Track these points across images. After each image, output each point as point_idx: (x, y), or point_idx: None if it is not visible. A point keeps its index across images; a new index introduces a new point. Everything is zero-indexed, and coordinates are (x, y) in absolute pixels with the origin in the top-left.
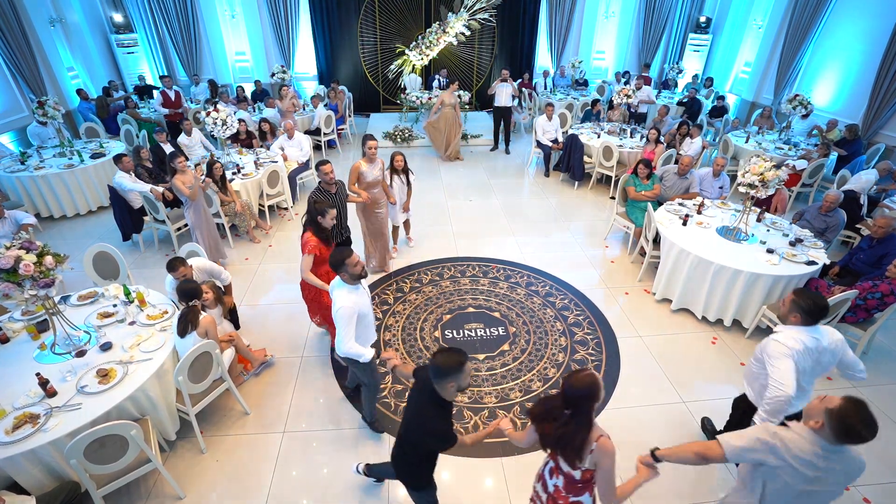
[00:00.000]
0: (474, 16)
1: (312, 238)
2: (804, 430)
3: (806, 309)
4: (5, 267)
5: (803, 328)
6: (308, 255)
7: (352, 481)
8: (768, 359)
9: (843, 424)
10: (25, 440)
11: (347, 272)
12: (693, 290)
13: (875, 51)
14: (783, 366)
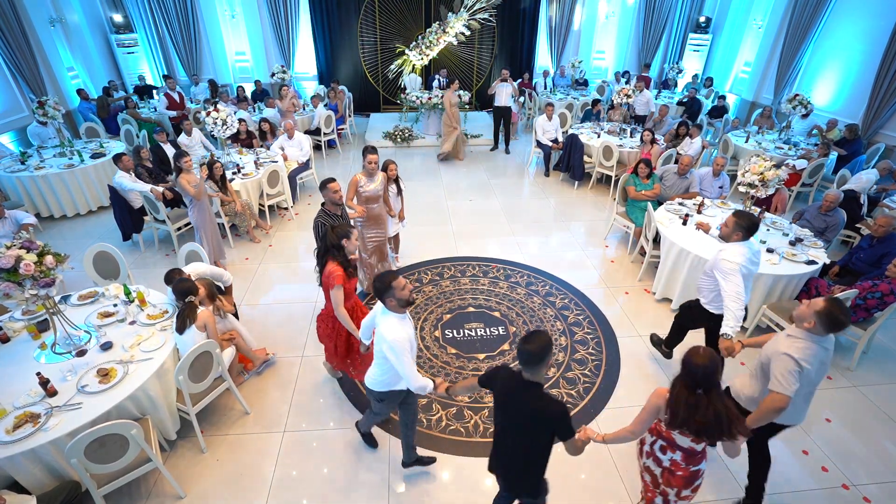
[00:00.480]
0: (474, 16)
1: (338, 268)
2: (802, 333)
3: (746, 227)
4: (6, 266)
5: (743, 243)
6: (338, 288)
7: (352, 481)
8: (723, 275)
9: (832, 319)
10: (26, 440)
11: (395, 297)
12: (693, 289)
13: (875, 51)
14: (736, 279)
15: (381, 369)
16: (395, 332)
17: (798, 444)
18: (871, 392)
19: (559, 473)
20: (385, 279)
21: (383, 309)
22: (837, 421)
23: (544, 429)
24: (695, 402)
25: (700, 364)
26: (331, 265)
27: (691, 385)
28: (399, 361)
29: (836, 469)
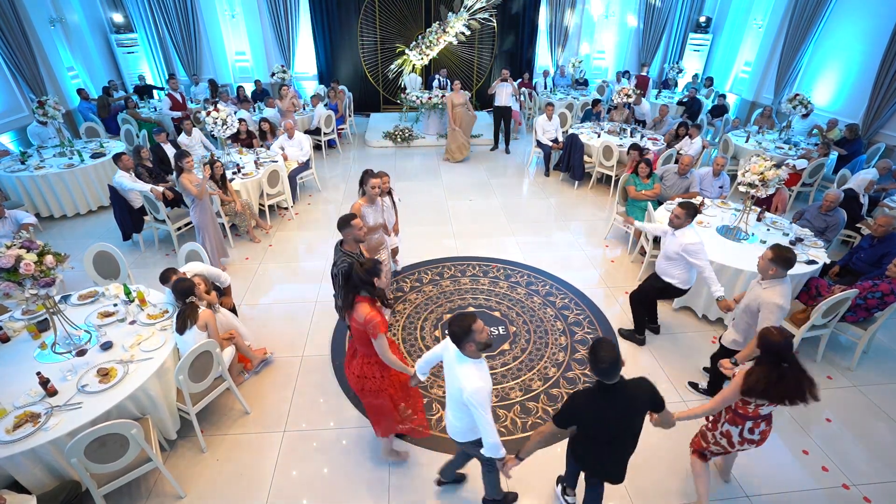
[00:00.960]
0: (474, 16)
1: (375, 312)
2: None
3: (692, 214)
4: (6, 266)
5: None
6: (382, 337)
7: (352, 480)
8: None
9: (784, 259)
10: (26, 439)
11: (475, 341)
12: (693, 289)
13: (875, 50)
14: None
15: (460, 414)
16: (475, 382)
17: (798, 444)
18: (872, 392)
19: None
20: (464, 322)
21: (458, 354)
22: (837, 421)
23: (643, 412)
24: (781, 375)
25: (779, 341)
26: (366, 308)
27: (776, 361)
28: (479, 414)
29: (836, 469)
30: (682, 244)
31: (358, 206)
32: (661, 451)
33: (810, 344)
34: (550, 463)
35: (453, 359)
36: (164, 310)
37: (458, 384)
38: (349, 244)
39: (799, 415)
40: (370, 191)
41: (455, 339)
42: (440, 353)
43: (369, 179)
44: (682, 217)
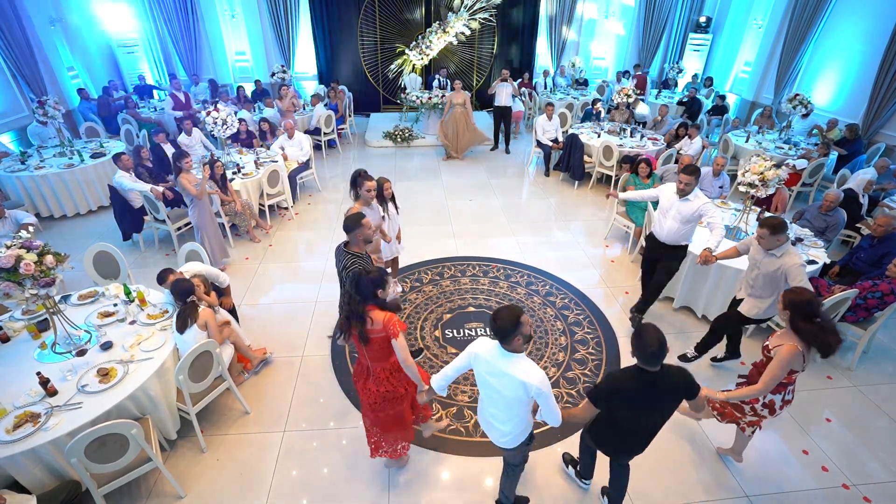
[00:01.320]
0: (474, 16)
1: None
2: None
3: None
4: (6, 266)
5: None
6: (403, 335)
7: (352, 480)
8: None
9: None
10: (26, 439)
11: (522, 334)
12: (694, 288)
13: (875, 50)
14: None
15: (517, 420)
16: (538, 371)
17: (798, 444)
18: (872, 392)
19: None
20: (513, 314)
21: (501, 351)
22: (837, 421)
23: (678, 401)
24: (821, 327)
25: (807, 298)
26: (380, 313)
27: (810, 317)
28: (550, 401)
29: (836, 469)
30: (698, 206)
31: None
32: (661, 452)
33: None
34: (556, 473)
35: (496, 360)
36: (164, 310)
37: (516, 383)
38: (357, 245)
39: (799, 415)
40: (365, 194)
41: (502, 335)
42: (465, 364)
43: (364, 182)
44: (691, 183)
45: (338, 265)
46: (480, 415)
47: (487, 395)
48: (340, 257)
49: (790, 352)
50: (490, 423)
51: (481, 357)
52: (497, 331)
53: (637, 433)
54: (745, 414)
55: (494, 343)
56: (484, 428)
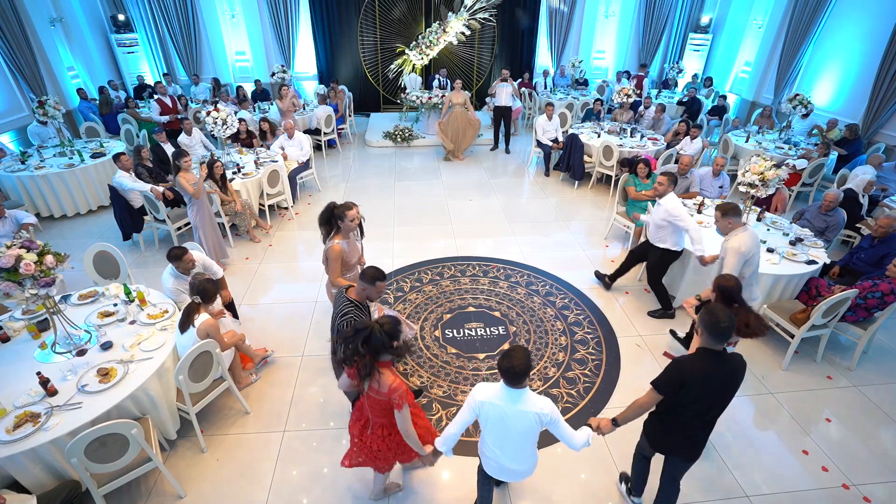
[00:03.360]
0: (474, 16)
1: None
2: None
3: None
4: (6, 266)
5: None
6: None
7: (353, 480)
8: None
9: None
10: (26, 439)
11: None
12: (693, 289)
13: (875, 50)
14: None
15: (531, 452)
16: (546, 402)
17: (798, 444)
18: (872, 392)
19: (559, 473)
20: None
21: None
22: (837, 421)
23: (738, 385)
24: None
25: (731, 285)
26: (389, 377)
27: (731, 301)
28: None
29: (836, 469)
30: (667, 210)
31: (338, 248)
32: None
33: (810, 344)
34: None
35: (508, 402)
36: (164, 309)
37: (531, 418)
38: (362, 293)
39: (799, 415)
40: (349, 224)
41: (521, 376)
42: (470, 418)
43: (345, 212)
44: (665, 184)
45: (334, 308)
46: (488, 463)
47: (498, 438)
48: (339, 301)
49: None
50: (503, 466)
51: (488, 403)
52: (516, 374)
53: (694, 426)
54: None
55: (498, 385)
56: (495, 474)
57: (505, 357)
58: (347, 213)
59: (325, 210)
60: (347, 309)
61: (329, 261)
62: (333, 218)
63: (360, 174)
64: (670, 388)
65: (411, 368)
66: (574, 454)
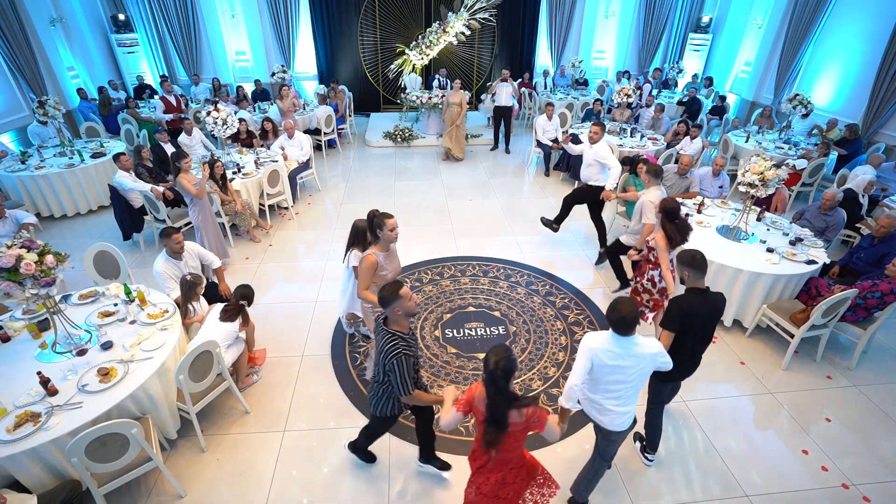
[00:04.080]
0: (474, 15)
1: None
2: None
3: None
4: (6, 266)
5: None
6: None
7: (353, 480)
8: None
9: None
10: (27, 439)
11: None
12: None
13: (875, 50)
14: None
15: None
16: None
17: (798, 444)
18: (871, 392)
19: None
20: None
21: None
22: (837, 421)
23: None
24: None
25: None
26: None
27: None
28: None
29: (836, 469)
30: (597, 152)
31: (373, 259)
32: (660, 451)
33: (810, 344)
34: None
35: (621, 347)
36: (164, 309)
37: (646, 358)
38: (397, 322)
39: (799, 415)
40: (388, 234)
41: (631, 326)
42: (587, 365)
43: (386, 221)
44: (599, 133)
45: (377, 346)
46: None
47: (613, 383)
48: (380, 337)
49: (664, 237)
50: (612, 411)
51: (602, 350)
52: (627, 323)
53: (696, 350)
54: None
55: (608, 333)
56: (600, 419)
57: (613, 310)
58: (387, 221)
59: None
60: (393, 344)
61: (360, 271)
62: (372, 227)
63: (360, 174)
64: (677, 323)
65: None
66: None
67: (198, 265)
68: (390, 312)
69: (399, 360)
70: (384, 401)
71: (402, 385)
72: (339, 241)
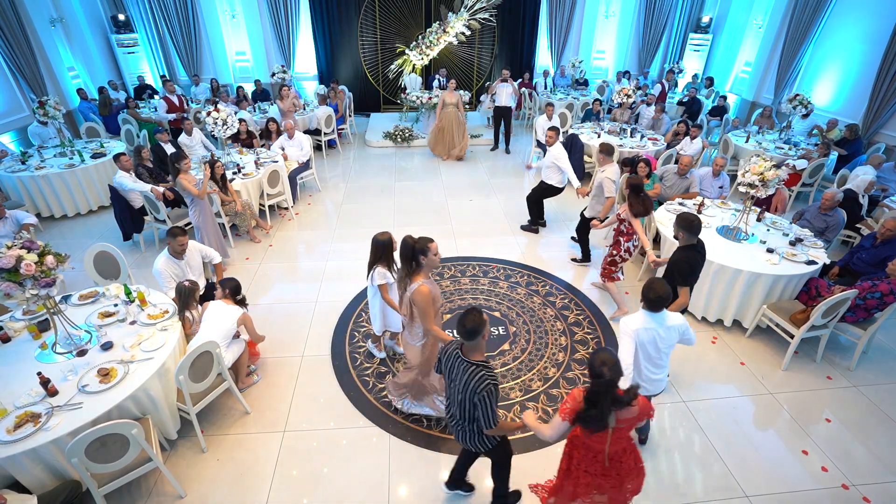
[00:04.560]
0: (474, 15)
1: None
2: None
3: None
4: (7, 266)
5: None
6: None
7: (352, 480)
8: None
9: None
10: (27, 439)
11: None
12: (694, 290)
13: (875, 50)
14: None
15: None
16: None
17: (798, 444)
18: (871, 392)
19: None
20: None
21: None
22: (837, 421)
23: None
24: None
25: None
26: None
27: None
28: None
29: (836, 469)
30: (554, 154)
31: (428, 289)
32: (660, 451)
33: (810, 344)
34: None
35: (659, 324)
36: (165, 310)
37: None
38: (479, 351)
39: (799, 415)
40: (433, 259)
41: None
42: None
43: (429, 245)
44: (554, 137)
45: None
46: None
47: (652, 357)
48: (459, 369)
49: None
50: (651, 379)
51: (642, 329)
52: (662, 301)
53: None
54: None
55: (642, 313)
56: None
57: (650, 290)
58: (430, 245)
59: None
60: (480, 376)
61: (419, 307)
62: (415, 254)
63: (360, 174)
64: (689, 276)
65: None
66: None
67: (199, 263)
68: (477, 342)
69: (490, 391)
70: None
71: (491, 417)
72: (339, 241)
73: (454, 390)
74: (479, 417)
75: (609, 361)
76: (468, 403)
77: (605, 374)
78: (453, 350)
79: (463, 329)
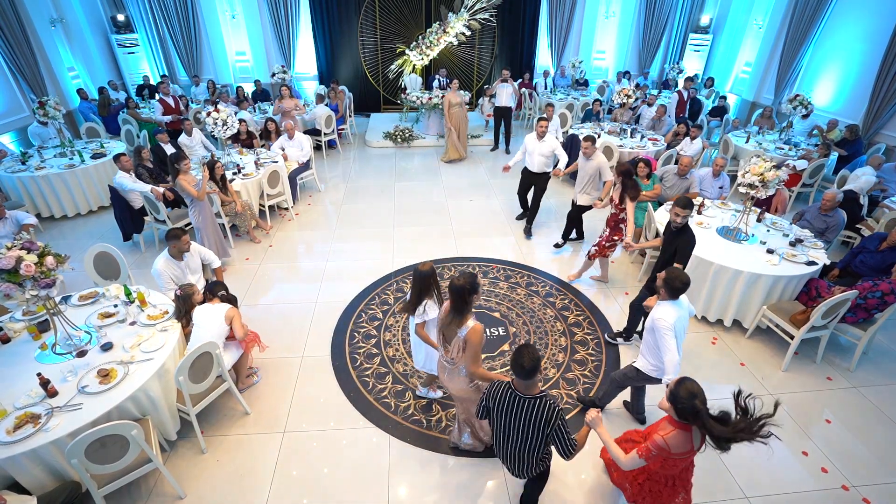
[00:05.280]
0: (474, 16)
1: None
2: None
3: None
4: (6, 267)
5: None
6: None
7: (352, 480)
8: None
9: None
10: (26, 440)
11: None
12: (693, 290)
13: (875, 51)
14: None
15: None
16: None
17: (798, 445)
18: (871, 393)
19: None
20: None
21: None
22: (837, 422)
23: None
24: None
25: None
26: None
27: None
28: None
29: (836, 470)
30: (552, 146)
31: (481, 329)
32: None
33: (810, 345)
34: None
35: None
36: (164, 310)
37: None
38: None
39: (799, 416)
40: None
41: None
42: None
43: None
44: (544, 127)
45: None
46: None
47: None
48: (517, 407)
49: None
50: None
51: (676, 319)
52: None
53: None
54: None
55: (670, 304)
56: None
57: (677, 279)
58: (480, 282)
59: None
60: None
61: (473, 347)
62: (465, 294)
63: (360, 174)
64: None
65: (411, 370)
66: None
67: (198, 265)
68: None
69: (563, 421)
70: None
71: (569, 444)
72: (340, 241)
73: (511, 430)
74: (559, 449)
75: (699, 392)
76: (535, 440)
77: (700, 406)
78: (505, 390)
79: (522, 370)
